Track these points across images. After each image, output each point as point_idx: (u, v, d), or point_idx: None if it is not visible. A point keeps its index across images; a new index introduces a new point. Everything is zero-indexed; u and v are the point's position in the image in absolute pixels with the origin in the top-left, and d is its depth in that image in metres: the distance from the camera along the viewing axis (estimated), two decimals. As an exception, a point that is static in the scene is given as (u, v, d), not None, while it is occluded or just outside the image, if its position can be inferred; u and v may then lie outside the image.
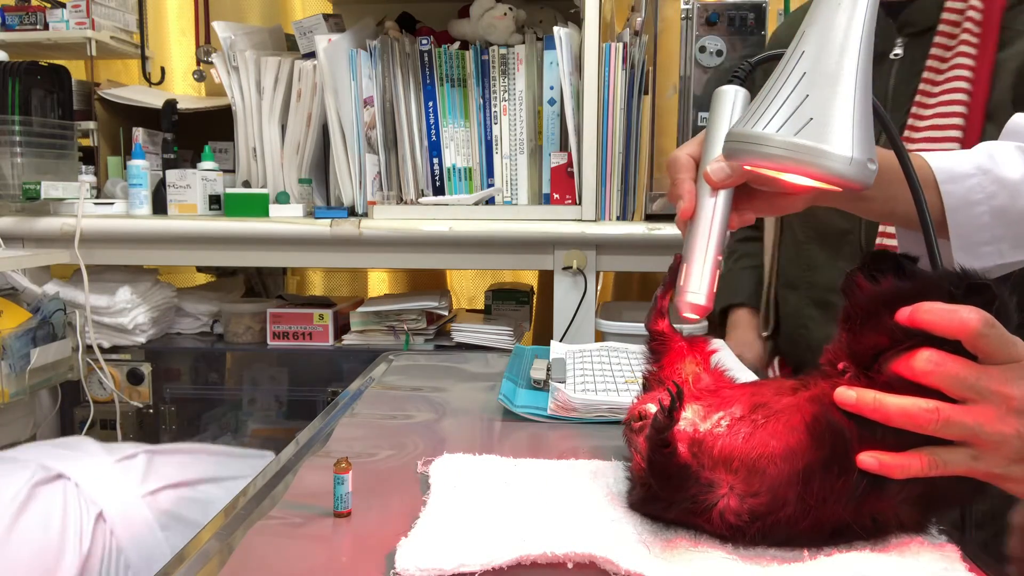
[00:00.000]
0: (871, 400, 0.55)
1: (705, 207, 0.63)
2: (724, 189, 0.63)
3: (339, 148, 1.82)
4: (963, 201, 0.72)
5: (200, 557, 0.58)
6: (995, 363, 0.53)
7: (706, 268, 0.62)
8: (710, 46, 1.61)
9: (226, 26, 1.93)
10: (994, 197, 0.72)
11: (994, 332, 0.53)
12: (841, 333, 0.60)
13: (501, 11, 1.81)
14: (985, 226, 0.73)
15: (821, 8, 0.57)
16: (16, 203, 1.76)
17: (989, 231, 0.73)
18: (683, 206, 0.64)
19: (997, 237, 0.73)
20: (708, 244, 0.62)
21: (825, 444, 0.55)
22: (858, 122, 0.55)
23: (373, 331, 1.85)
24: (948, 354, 0.53)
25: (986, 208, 0.72)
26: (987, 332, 0.52)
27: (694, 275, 0.62)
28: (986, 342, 0.53)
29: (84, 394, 1.79)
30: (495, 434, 0.89)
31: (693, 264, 0.62)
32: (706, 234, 0.63)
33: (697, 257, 0.62)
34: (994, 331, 0.53)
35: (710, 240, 0.62)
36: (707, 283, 0.62)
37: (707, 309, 0.62)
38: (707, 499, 0.56)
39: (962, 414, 0.53)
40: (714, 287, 0.62)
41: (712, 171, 0.62)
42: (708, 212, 0.63)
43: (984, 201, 0.72)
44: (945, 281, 0.57)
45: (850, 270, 0.61)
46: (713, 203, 0.63)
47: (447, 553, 0.54)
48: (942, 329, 0.53)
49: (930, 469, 0.54)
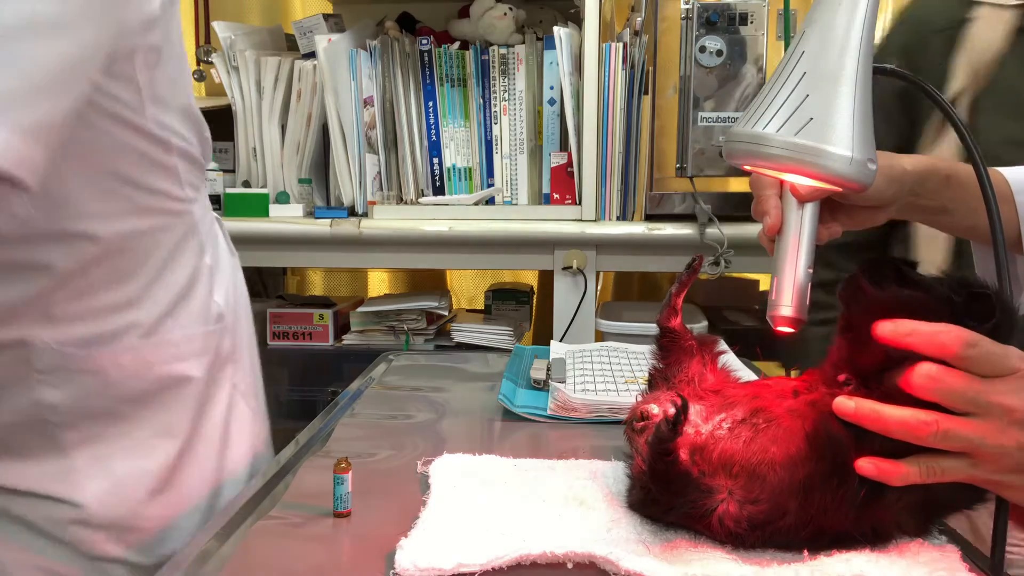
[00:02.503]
0: (869, 411, 0.54)
1: (792, 221, 0.64)
2: (811, 203, 0.63)
3: (339, 148, 1.82)
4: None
5: (200, 557, 0.58)
6: (991, 377, 0.53)
7: (797, 281, 0.62)
8: (710, 46, 1.61)
9: (226, 26, 1.93)
10: None
11: (977, 351, 0.52)
12: (841, 342, 0.60)
13: (501, 11, 1.81)
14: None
15: (821, 8, 0.57)
16: (16, 203, 1.75)
17: None
18: (769, 222, 0.64)
19: None
20: (798, 258, 0.63)
21: (825, 457, 0.55)
22: (858, 122, 0.55)
23: (373, 331, 1.85)
24: (948, 368, 0.53)
25: None
26: (968, 353, 0.52)
27: (784, 289, 0.62)
28: (970, 362, 0.52)
29: (84, 394, 1.79)
30: (495, 434, 0.89)
31: (784, 278, 0.63)
32: (795, 248, 0.63)
33: (787, 271, 0.63)
34: (977, 350, 0.52)
35: (800, 254, 0.63)
36: (797, 296, 0.62)
37: (799, 321, 0.63)
38: (706, 504, 0.56)
39: (961, 426, 0.52)
40: (806, 300, 0.63)
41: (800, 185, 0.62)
42: (795, 226, 0.63)
43: None
44: (947, 289, 0.56)
45: (849, 276, 0.60)
46: (800, 216, 0.63)
47: (447, 553, 0.54)
48: (923, 350, 0.53)
49: (928, 476, 0.53)
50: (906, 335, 0.53)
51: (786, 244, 0.63)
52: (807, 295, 0.63)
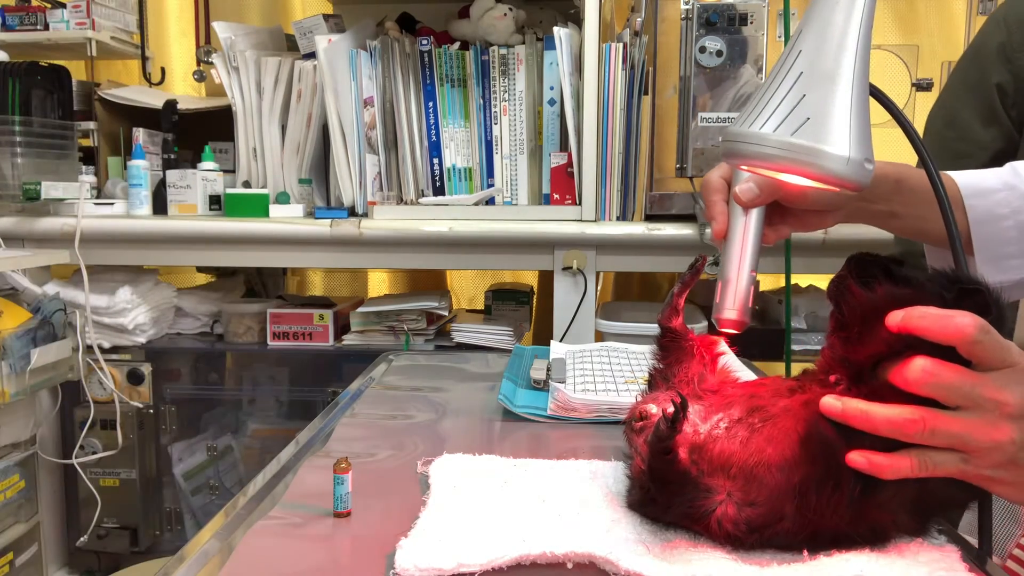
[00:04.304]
0: (857, 410, 0.54)
1: (737, 227, 0.65)
2: (755, 208, 0.64)
3: (339, 148, 1.82)
4: (989, 215, 0.72)
5: (200, 557, 0.58)
6: (989, 368, 0.53)
7: (740, 285, 0.64)
8: (710, 46, 1.61)
9: (226, 26, 1.93)
10: (1020, 212, 0.73)
11: (989, 338, 0.52)
12: (833, 341, 0.60)
13: (501, 11, 1.81)
14: (1011, 240, 0.73)
15: (819, 7, 0.57)
16: (16, 203, 1.76)
17: (1016, 244, 0.73)
18: (716, 227, 0.66)
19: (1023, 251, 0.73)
20: (741, 262, 0.64)
21: (818, 460, 0.55)
22: (855, 122, 0.55)
23: (373, 331, 1.85)
24: (942, 362, 0.52)
25: (1013, 223, 0.73)
26: (982, 338, 0.52)
27: (729, 292, 0.64)
28: (981, 348, 0.52)
29: (84, 394, 1.79)
30: (495, 434, 0.89)
31: (728, 282, 0.64)
32: (738, 253, 0.64)
33: (732, 275, 0.64)
34: (989, 337, 0.52)
35: (743, 258, 0.64)
36: (741, 299, 0.63)
37: (743, 323, 0.64)
38: (705, 505, 0.56)
39: (949, 423, 0.52)
40: (749, 302, 0.64)
41: (741, 192, 0.64)
42: (740, 231, 0.65)
43: (1010, 215, 0.73)
44: (937, 285, 0.56)
45: (838, 275, 0.60)
46: (744, 222, 0.65)
47: (447, 553, 0.54)
48: (935, 335, 0.52)
49: (920, 470, 0.53)
50: (919, 318, 0.52)
51: (732, 249, 0.64)
52: (751, 297, 0.64)
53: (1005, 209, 0.73)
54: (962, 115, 1.30)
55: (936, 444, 0.53)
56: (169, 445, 1.88)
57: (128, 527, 1.85)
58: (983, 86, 1.26)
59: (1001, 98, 1.24)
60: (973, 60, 1.30)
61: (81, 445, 1.80)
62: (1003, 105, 1.24)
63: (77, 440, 1.80)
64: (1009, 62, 1.23)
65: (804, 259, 1.67)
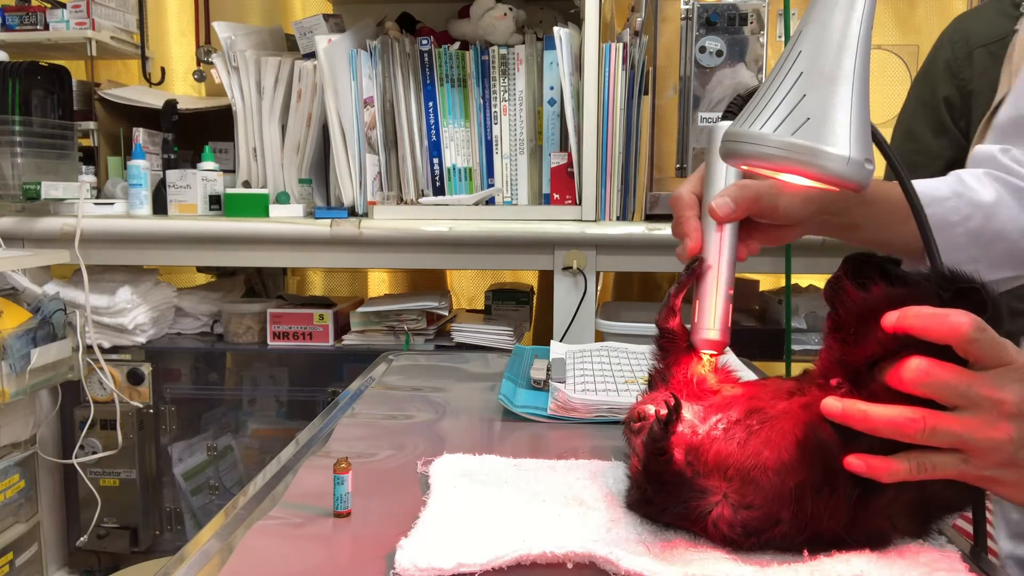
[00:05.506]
0: (856, 411, 0.53)
1: (712, 243, 0.64)
2: (730, 224, 0.63)
3: (339, 148, 1.82)
4: (942, 222, 0.73)
5: (200, 557, 0.58)
6: (986, 367, 0.52)
7: (718, 303, 0.62)
8: (710, 46, 1.61)
9: (226, 26, 1.93)
10: (970, 219, 0.74)
11: (985, 336, 0.51)
12: (830, 342, 0.59)
13: (501, 11, 1.81)
14: (962, 247, 0.73)
15: (819, 7, 0.57)
16: (16, 203, 1.76)
17: (966, 252, 0.73)
18: (690, 244, 0.65)
19: (974, 258, 0.73)
20: (718, 280, 0.63)
21: (815, 465, 0.54)
22: (855, 122, 0.54)
23: (373, 331, 1.85)
24: (938, 362, 0.52)
25: (963, 230, 0.74)
26: (978, 336, 0.51)
27: (707, 312, 0.63)
28: (977, 346, 0.52)
29: (84, 394, 1.79)
30: (495, 434, 0.89)
31: (706, 301, 0.63)
32: (715, 270, 0.63)
33: (709, 293, 0.63)
34: (985, 335, 0.51)
35: (719, 276, 0.63)
36: (721, 319, 0.62)
37: (723, 343, 0.63)
38: (701, 506, 0.56)
39: (949, 422, 0.52)
40: (728, 321, 0.63)
41: (717, 206, 0.63)
42: (715, 248, 0.63)
43: (961, 223, 0.74)
44: (934, 284, 0.56)
45: (834, 276, 0.60)
46: (719, 238, 0.64)
47: (447, 553, 0.54)
48: (931, 334, 0.52)
49: (919, 472, 0.53)
50: (914, 317, 0.52)
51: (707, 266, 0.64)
52: (729, 315, 0.63)
53: (956, 216, 0.74)
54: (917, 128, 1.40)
55: (936, 444, 0.53)
56: (169, 445, 1.88)
57: (128, 527, 1.85)
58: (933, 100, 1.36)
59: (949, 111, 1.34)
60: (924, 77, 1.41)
61: (81, 445, 1.80)
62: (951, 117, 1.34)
63: (77, 440, 1.80)
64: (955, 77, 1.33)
65: (804, 259, 1.67)
